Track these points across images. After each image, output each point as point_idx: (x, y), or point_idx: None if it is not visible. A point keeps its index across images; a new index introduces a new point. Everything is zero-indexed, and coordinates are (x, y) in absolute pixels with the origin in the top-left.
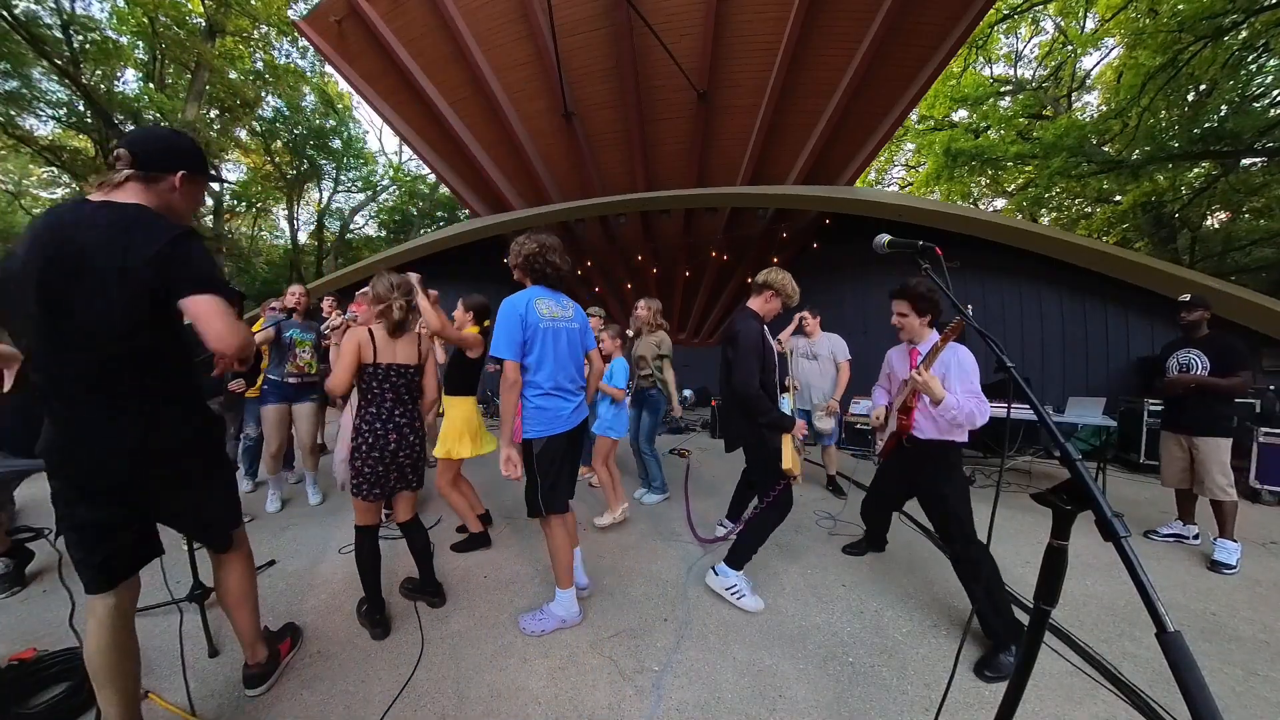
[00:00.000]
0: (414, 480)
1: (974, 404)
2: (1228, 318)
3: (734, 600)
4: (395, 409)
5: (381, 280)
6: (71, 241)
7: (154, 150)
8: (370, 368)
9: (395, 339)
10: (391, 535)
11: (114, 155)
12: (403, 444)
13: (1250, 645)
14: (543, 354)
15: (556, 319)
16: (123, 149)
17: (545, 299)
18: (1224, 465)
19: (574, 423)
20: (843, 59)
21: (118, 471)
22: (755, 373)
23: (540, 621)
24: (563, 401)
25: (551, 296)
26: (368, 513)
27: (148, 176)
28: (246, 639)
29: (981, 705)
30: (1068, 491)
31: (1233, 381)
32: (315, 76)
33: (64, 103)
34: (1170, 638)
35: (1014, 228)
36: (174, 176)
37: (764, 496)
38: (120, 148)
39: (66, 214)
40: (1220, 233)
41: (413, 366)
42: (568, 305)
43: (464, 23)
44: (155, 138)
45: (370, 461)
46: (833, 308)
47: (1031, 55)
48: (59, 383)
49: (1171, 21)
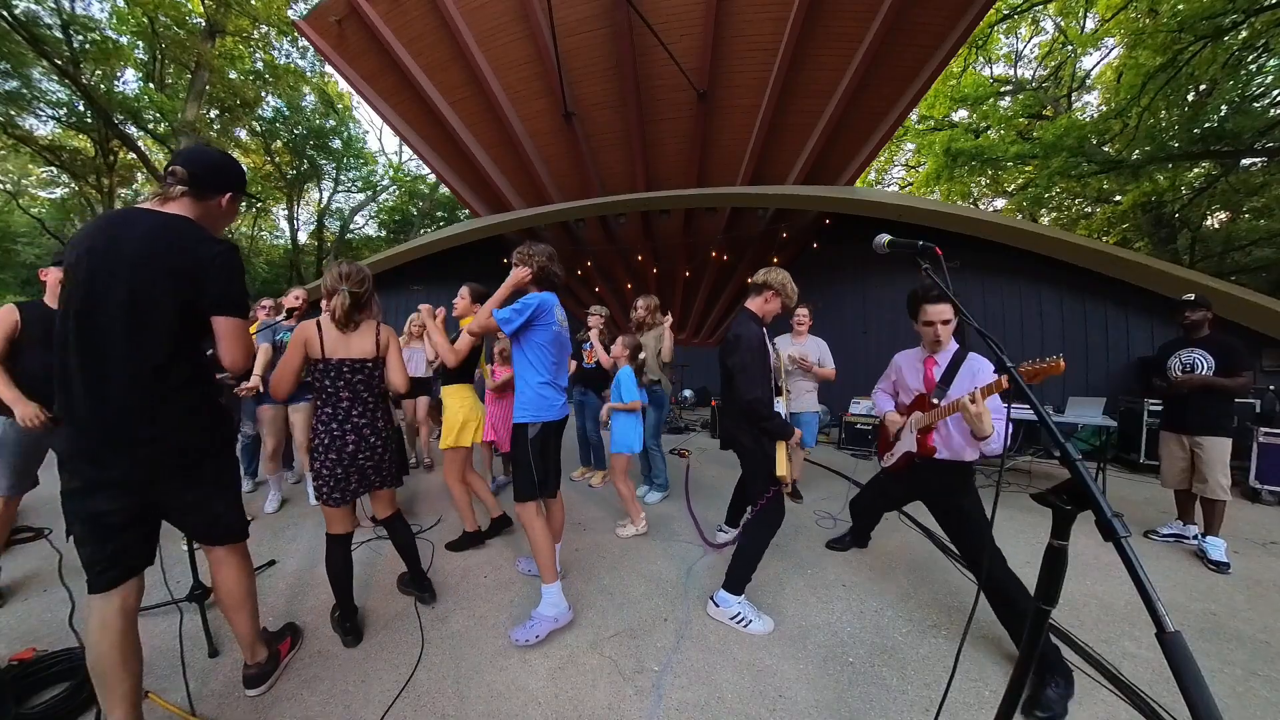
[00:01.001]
0: (378, 481)
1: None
2: (1228, 318)
3: (741, 629)
4: (353, 408)
5: (330, 270)
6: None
7: (209, 174)
8: (320, 364)
9: (347, 332)
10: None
11: (169, 170)
12: (362, 446)
13: (1250, 645)
14: (557, 352)
15: (564, 325)
16: (179, 167)
17: (559, 307)
18: (1225, 465)
19: (563, 414)
20: (843, 59)
21: (150, 462)
22: (758, 381)
23: (532, 629)
24: (556, 394)
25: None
26: (336, 520)
27: (201, 195)
28: (245, 640)
29: (981, 705)
30: (1068, 491)
31: (1239, 381)
32: (315, 76)
33: (64, 103)
34: (1170, 638)
35: (1014, 228)
36: (222, 197)
37: (754, 502)
38: (177, 165)
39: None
40: (1220, 233)
41: (369, 361)
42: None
43: (464, 23)
44: (211, 161)
45: (328, 464)
46: (833, 308)
47: (1031, 55)
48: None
49: (1171, 21)
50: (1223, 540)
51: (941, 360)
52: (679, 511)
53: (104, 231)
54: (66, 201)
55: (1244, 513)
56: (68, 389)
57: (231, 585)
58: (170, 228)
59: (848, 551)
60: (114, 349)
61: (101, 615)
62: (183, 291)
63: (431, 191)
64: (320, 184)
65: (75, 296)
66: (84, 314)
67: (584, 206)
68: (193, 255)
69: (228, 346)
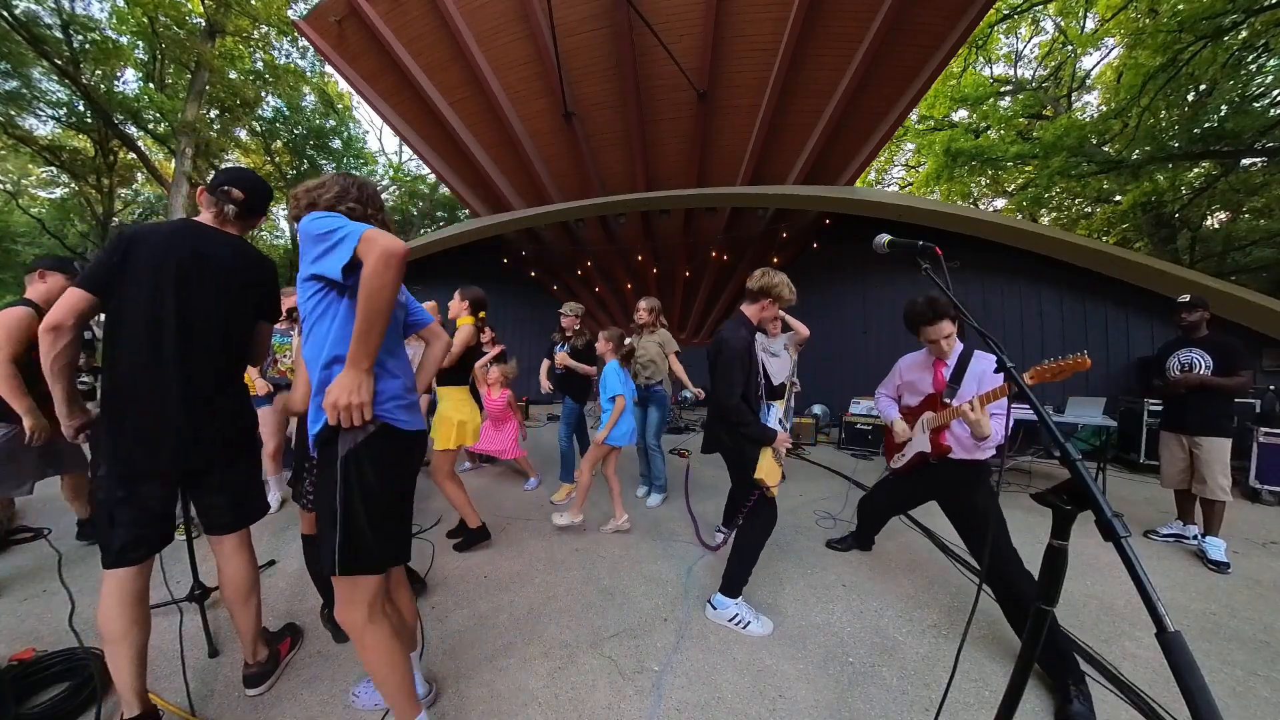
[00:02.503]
0: None
1: (1000, 426)
2: (1228, 318)
3: (740, 630)
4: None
5: None
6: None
7: (260, 200)
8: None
9: None
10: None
11: (223, 190)
12: None
13: (1250, 645)
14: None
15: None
16: (239, 192)
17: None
18: (1225, 465)
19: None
20: (843, 59)
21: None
22: (737, 385)
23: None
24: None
25: None
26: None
27: (248, 218)
28: (248, 636)
29: (981, 705)
30: (1068, 491)
31: (1237, 381)
32: (315, 76)
33: (64, 103)
34: (1170, 638)
35: (1014, 228)
36: (258, 219)
37: (741, 507)
38: (235, 190)
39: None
40: (1220, 233)
41: None
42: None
43: (464, 22)
44: (263, 190)
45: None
46: (833, 308)
47: (1031, 55)
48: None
49: (1171, 21)
50: (1223, 540)
51: (951, 362)
52: (679, 512)
53: (187, 244)
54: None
55: (1244, 513)
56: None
57: (241, 577)
58: (245, 250)
59: (848, 552)
60: (203, 353)
61: (118, 584)
62: (256, 303)
63: (431, 191)
64: None
65: (163, 300)
66: (181, 317)
67: (584, 206)
68: (261, 273)
69: (260, 348)
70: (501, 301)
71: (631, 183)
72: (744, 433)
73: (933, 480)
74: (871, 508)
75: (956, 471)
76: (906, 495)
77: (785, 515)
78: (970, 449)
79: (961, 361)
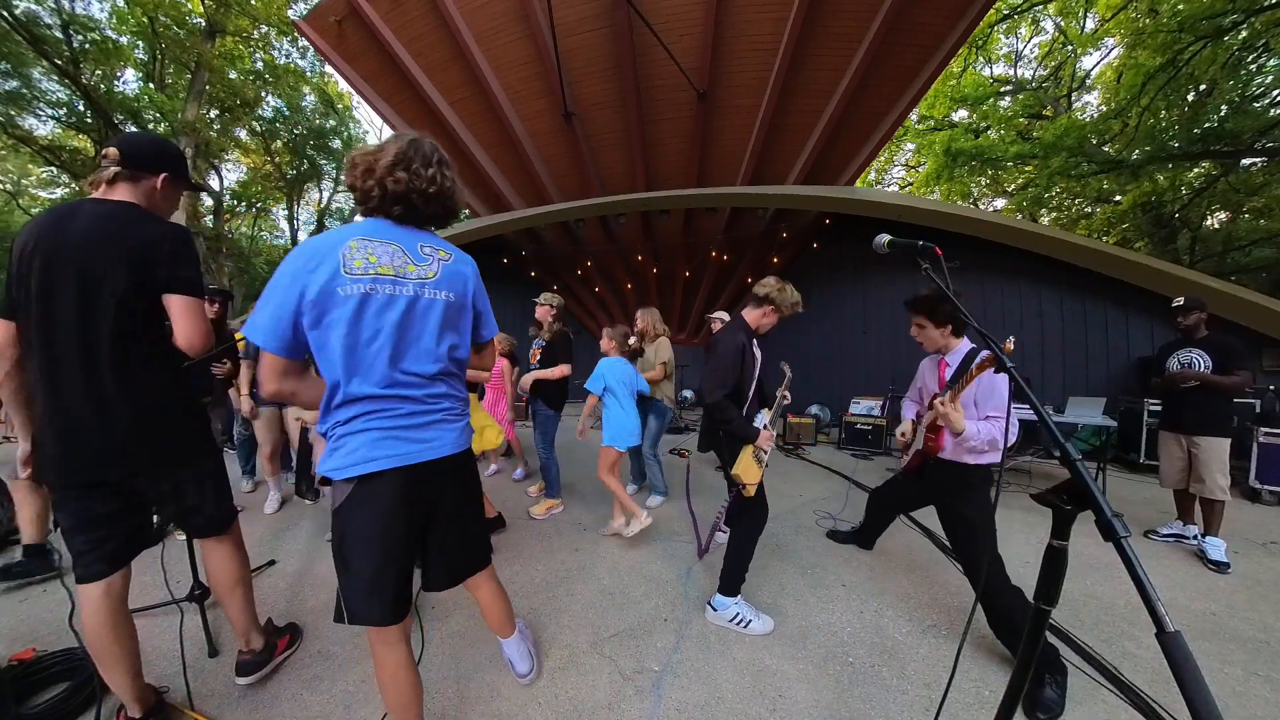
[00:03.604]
0: None
1: (997, 429)
2: (1228, 318)
3: (741, 629)
4: None
5: None
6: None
7: (142, 152)
8: None
9: None
10: None
11: (103, 153)
12: None
13: (1250, 645)
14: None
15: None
16: (112, 147)
17: (369, 241)
18: (1224, 465)
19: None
20: (843, 59)
21: (124, 455)
22: (723, 384)
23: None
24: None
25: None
26: None
27: (134, 175)
28: (239, 626)
29: (981, 705)
30: (1068, 491)
31: (1235, 380)
32: (315, 76)
33: (64, 103)
34: (1170, 638)
35: (1014, 228)
36: (156, 178)
37: (721, 505)
38: (110, 147)
39: (70, 211)
40: (1220, 233)
41: None
42: (431, 258)
43: (464, 22)
44: (143, 140)
45: None
46: (833, 308)
47: (1031, 55)
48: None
49: (1171, 21)
50: (1222, 540)
51: (952, 361)
52: (679, 512)
53: (51, 228)
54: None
55: (1244, 513)
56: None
57: (221, 571)
58: (120, 213)
59: (849, 551)
60: (71, 342)
61: (90, 599)
62: (134, 274)
63: None
64: (320, 184)
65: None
66: (47, 313)
67: (584, 206)
68: (139, 236)
69: (183, 326)
70: (501, 302)
71: (631, 183)
72: (727, 429)
73: (930, 482)
74: (879, 504)
75: (949, 473)
76: (909, 495)
77: (785, 515)
78: (958, 451)
79: (966, 362)
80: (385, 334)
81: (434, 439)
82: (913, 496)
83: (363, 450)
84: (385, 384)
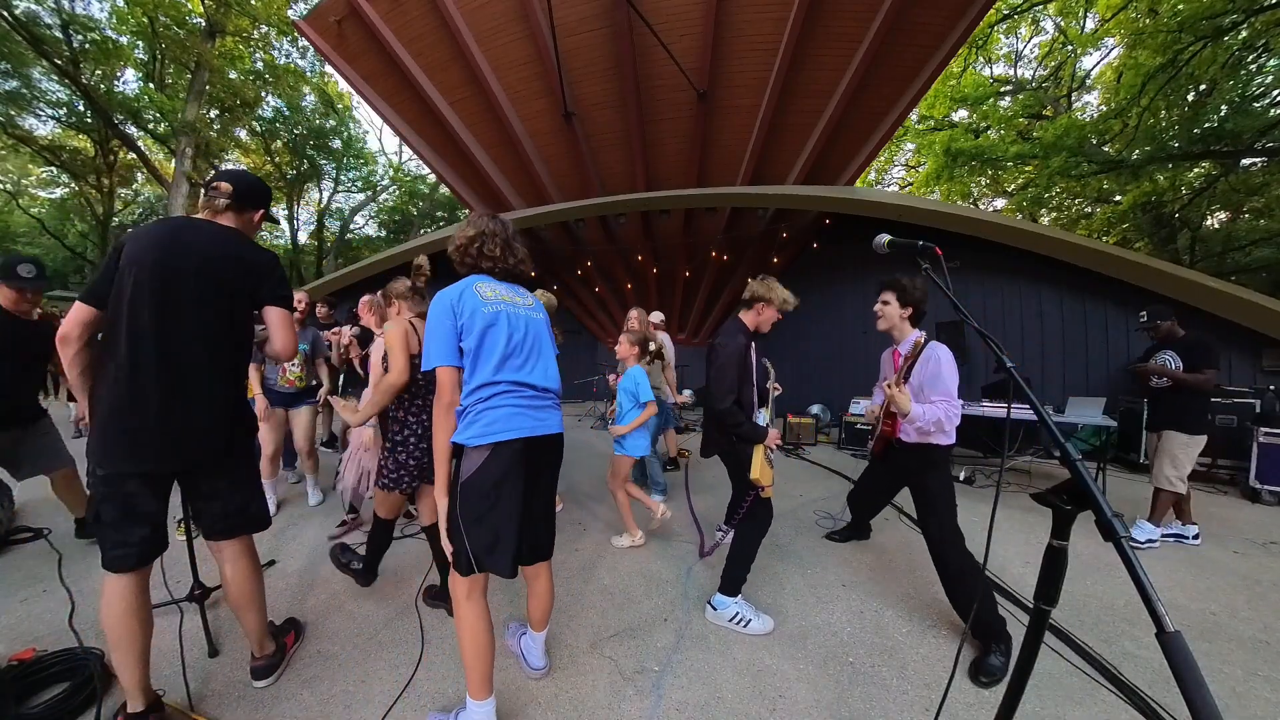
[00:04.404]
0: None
1: (942, 410)
2: (1228, 318)
3: (741, 629)
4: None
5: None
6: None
7: (250, 191)
8: (415, 359)
9: None
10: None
11: (213, 185)
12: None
13: (1250, 645)
14: (488, 343)
15: (505, 302)
16: (227, 184)
17: (488, 283)
18: (1175, 458)
19: (540, 428)
20: (843, 59)
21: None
22: (730, 389)
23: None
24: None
25: (497, 283)
26: (392, 505)
27: (240, 208)
28: (255, 635)
29: (981, 705)
30: (1068, 491)
31: (1197, 377)
32: (315, 76)
33: (64, 103)
34: (1170, 638)
35: (1014, 228)
36: (255, 214)
37: (739, 507)
38: (224, 182)
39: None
40: (1220, 233)
41: None
42: (525, 294)
43: (464, 23)
44: (252, 181)
45: (417, 454)
46: (833, 308)
47: (1031, 55)
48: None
49: (1171, 21)
50: (1156, 528)
51: (903, 349)
52: (679, 512)
53: (169, 235)
54: (66, 201)
55: (1244, 513)
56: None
57: (244, 582)
58: (232, 237)
59: (849, 552)
60: (184, 346)
61: (117, 588)
62: (249, 285)
63: (431, 191)
64: (320, 184)
65: (143, 294)
66: (160, 309)
67: (584, 206)
68: (253, 257)
69: (279, 334)
70: None
71: (631, 183)
72: (737, 433)
73: (897, 464)
74: (857, 495)
75: (910, 456)
76: (880, 479)
77: (785, 515)
78: (910, 433)
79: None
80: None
81: (547, 419)
82: (882, 481)
83: (500, 422)
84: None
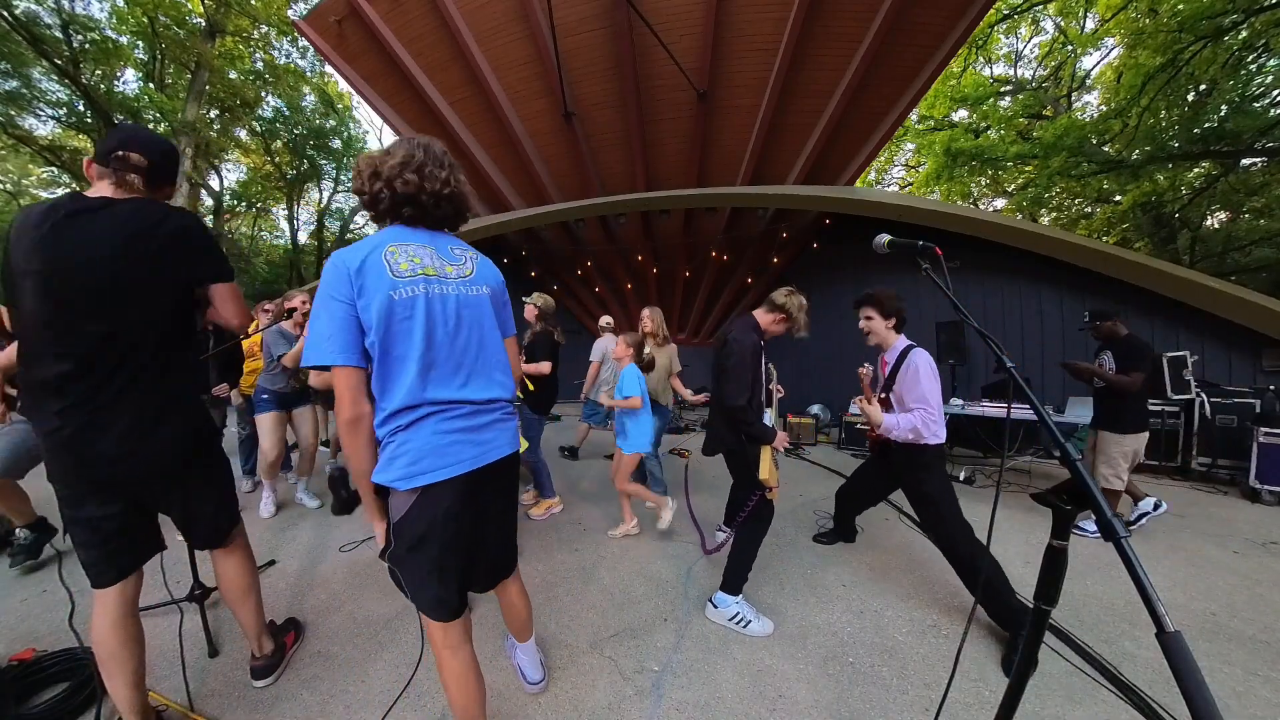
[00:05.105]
0: None
1: (919, 418)
2: (1228, 318)
3: (740, 630)
4: None
5: None
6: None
7: (167, 161)
8: None
9: None
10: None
11: (119, 155)
12: None
13: (1250, 645)
14: (400, 345)
15: (426, 276)
16: (138, 155)
17: (407, 244)
18: (1110, 458)
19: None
20: (843, 59)
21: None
22: (745, 387)
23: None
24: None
25: (419, 242)
26: None
27: (155, 188)
28: (252, 632)
29: (981, 705)
30: (1068, 491)
31: (1122, 379)
32: (315, 76)
33: (64, 103)
34: (1170, 638)
35: (1014, 228)
36: (170, 188)
37: (743, 507)
38: (133, 153)
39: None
40: (1220, 233)
41: None
42: (461, 253)
43: (464, 23)
44: (165, 149)
45: None
46: (833, 308)
47: (1031, 55)
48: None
49: (1171, 21)
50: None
51: (889, 358)
52: (679, 512)
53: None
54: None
55: (1244, 513)
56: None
57: (233, 579)
58: (140, 209)
59: (848, 552)
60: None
61: (102, 603)
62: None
63: None
64: (320, 184)
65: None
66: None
67: (584, 206)
68: (170, 226)
69: (233, 309)
70: None
71: (631, 183)
72: (748, 432)
73: (893, 463)
74: (845, 493)
75: (903, 456)
76: (875, 478)
77: (785, 515)
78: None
79: (901, 358)
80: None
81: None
82: (874, 479)
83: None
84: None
